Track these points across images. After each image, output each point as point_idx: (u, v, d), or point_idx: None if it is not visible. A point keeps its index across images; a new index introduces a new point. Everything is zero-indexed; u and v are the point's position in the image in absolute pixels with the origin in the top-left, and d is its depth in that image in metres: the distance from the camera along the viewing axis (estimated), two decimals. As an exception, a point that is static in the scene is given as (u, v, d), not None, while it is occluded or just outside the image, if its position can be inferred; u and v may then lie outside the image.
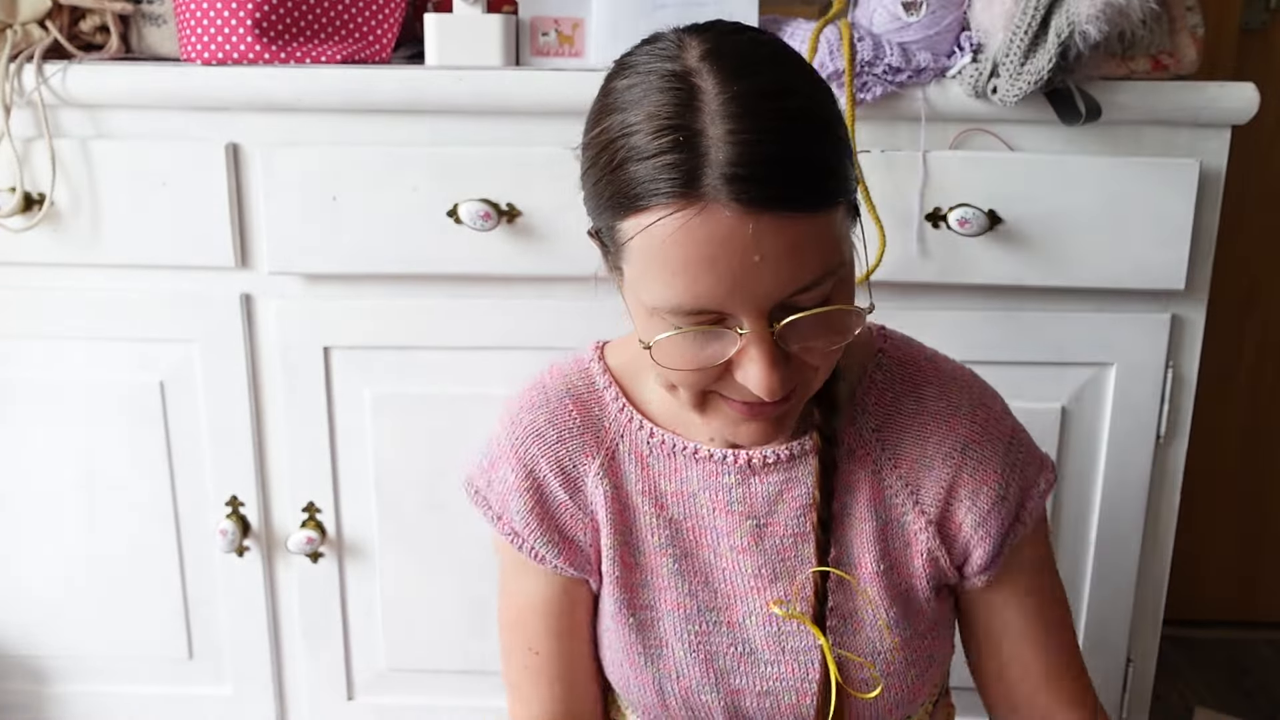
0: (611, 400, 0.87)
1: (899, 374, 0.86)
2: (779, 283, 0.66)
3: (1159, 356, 1.24)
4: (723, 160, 0.64)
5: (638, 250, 0.68)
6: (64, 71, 1.18)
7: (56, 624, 1.37)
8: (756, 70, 0.67)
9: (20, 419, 1.30)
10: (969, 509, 0.83)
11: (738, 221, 0.64)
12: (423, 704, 1.38)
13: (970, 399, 0.85)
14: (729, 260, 0.65)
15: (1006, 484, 0.84)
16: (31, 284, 1.25)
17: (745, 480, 0.84)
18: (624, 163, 0.67)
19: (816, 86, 0.70)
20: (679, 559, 0.86)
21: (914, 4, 1.15)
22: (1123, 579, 1.31)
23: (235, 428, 1.28)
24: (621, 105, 0.69)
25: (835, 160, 0.68)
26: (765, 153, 0.64)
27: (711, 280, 0.66)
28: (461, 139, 1.19)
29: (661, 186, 0.65)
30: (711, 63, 0.67)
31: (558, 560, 0.87)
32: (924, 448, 0.84)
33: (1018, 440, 0.86)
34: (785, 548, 0.85)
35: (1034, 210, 1.17)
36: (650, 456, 0.86)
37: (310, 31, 1.21)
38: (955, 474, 0.83)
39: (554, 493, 0.87)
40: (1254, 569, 2.00)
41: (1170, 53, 1.17)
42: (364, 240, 1.20)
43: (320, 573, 1.32)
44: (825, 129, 0.68)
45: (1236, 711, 1.76)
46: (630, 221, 0.68)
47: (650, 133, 0.66)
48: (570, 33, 1.22)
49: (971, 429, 0.84)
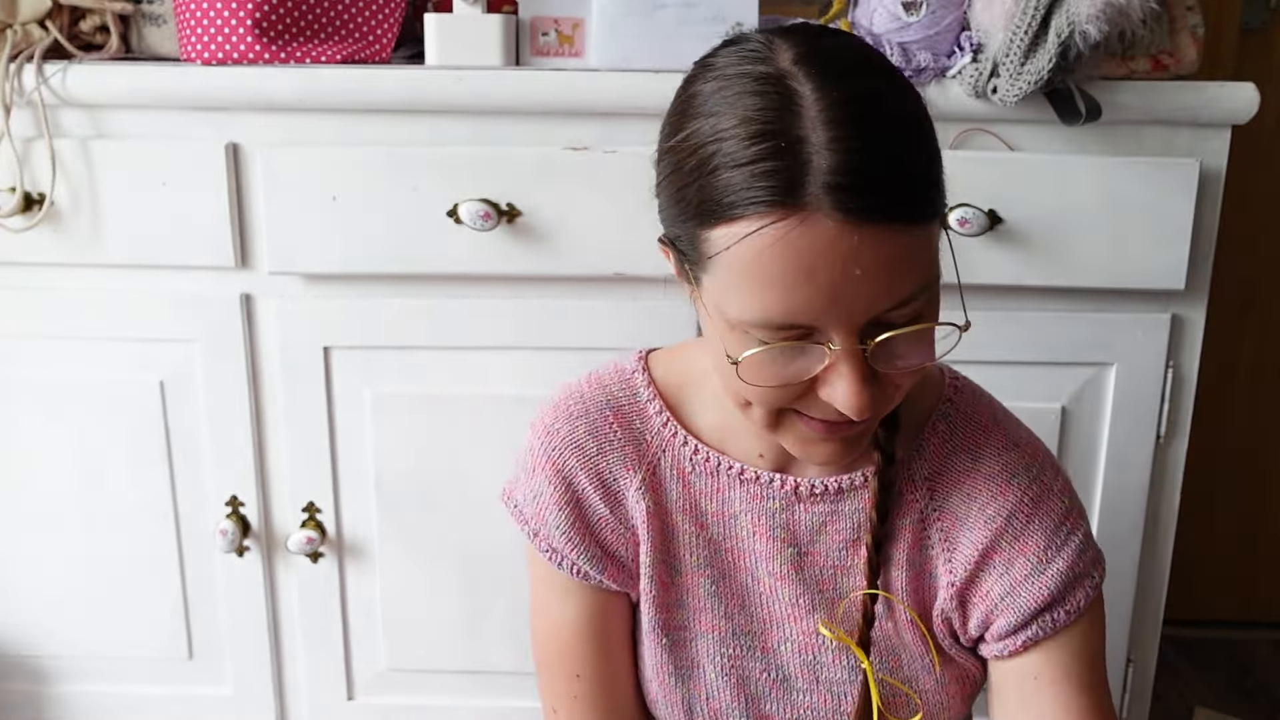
0: (655, 414, 0.84)
1: (962, 427, 0.83)
2: (877, 297, 0.63)
3: (1159, 356, 1.24)
4: (826, 168, 0.61)
5: (728, 260, 0.64)
6: (64, 71, 1.18)
7: (56, 624, 1.37)
8: (855, 75, 0.65)
9: (20, 419, 1.30)
10: (999, 578, 0.80)
11: (840, 232, 0.61)
12: (423, 704, 1.38)
13: (1029, 471, 0.82)
14: (828, 273, 0.62)
15: (1045, 562, 0.80)
16: (31, 284, 1.25)
17: (790, 507, 0.82)
18: (716, 169, 0.64)
19: (912, 93, 0.68)
20: (716, 580, 0.84)
21: (914, 4, 1.15)
22: (1123, 579, 1.31)
23: (235, 428, 1.28)
24: (710, 110, 0.65)
25: (936, 170, 0.66)
26: (871, 161, 0.62)
27: (808, 293, 0.63)
28: (461, 139, 1.19)
29: (760, 194, 0.62)
30: (807, 66, 0.64)
31: (601, 575, 0.85)
32: (969, 507, 0.81)
33: (1070, 525, 0.81)
34: (825, 579, 0.83)
35: (1034, 210, 1.17)
36: (692, 474, 0.83)
37: (310, 31, 1.21)
38: (993, 541, 0.80)
39: (594, 506, 0.84)
40: (1254, 569, 2.00)
41: (1170, 53, 1.17)
42: (364, 240, 1.20)
43: (320, 573, 1.32)
44: (927, 138, 0.66)
45: (1236, 711, 1.76)
46: (720, 231, 0.64)
47: (746, 138, 0.63)
48: (570, 33, 1.22)
49: (1020, 500, 0.80)
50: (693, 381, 0.84)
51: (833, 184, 0.61)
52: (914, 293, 0.65)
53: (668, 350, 0.87)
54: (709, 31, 1.18)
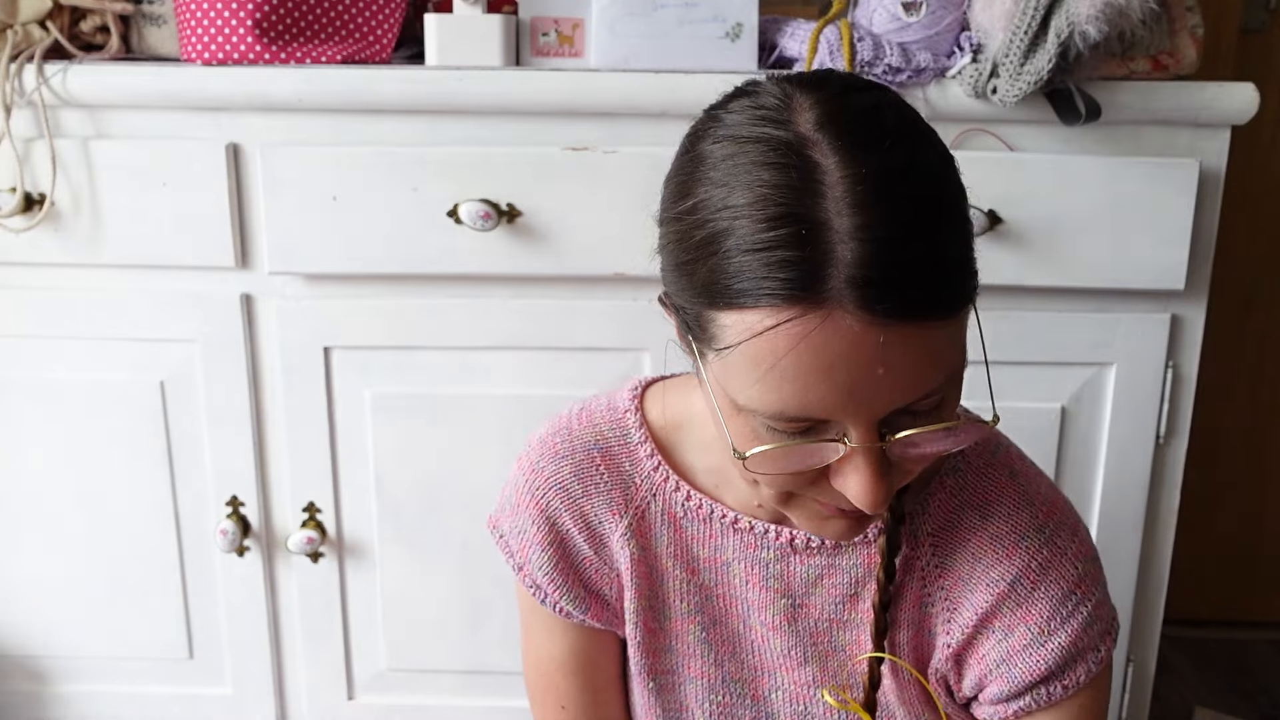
0: (646, 457, 0.80)
1: (973, 483, 0.77)
2: (900, 394, 0.59)
3: (1159, 356, 1.24)
4: (851, 260, 0.55)
5: (739, 351, 0.59)
6: (64, 72, 1.18)
7: (56, 624, 1.37)
8: (884, 143, 0.58)
9: (20, 419, 1.30)
10: (996, 644, 0.76)
11: (864, 332, 0.55)
12: (423, 704, 1.38)
13: (1040, 532, 0.76)
14: (848, 372, 0.57)
15: (1046, 634, 0.75)
16: (31, 284, 1.25)
17: (785, 558, 0.79)
18: (727, 251, 0.58)
19: (946, 160, 0.62)
20: (707, 627, 0.82)
21: (914, 4, 1.15)
22: (1123, 579, 1.31)
23: (235, 428, 1.28)
24: (720, 178, 0.59)
25: (969, 252, 0.61)
26: (901, 253, 0.56)
27: (824, 391, 0.58)
28: (461, 139, 1.19)
29: (776, 286, 0.56)
30: (830, 132, 0.58)
31: (584, 615, 0.83)
32: (973, 568, 0.76)
33: (1082, 593, 0.76)
34: (819, 632, 0.80)
35: (1034, 210, 1.17)
36: (684, 519, 0.80)
37: (310, 31, 1.21)
38: (994, 606, 0.76)
39: (578, 547, 0.82)
40: (1254, 569, 2.00)
41: (1170, 53, 1.17)
42: (364, 240, 1.20)
43: (320, 573, 1.32)
44: (961, 216, 0.61)
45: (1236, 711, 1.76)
46: (731, 316, 0.58)
47: (761, 220, 0.56)
48: (570, 33, 1.22)
49: (1028, 564, 0.75)
50: (688, 423, 0.80)
51: (858, 279, 0.55)
52: (942, 384, 0.60)
53: (664, 386, 0.83)
54: (709, 31, 1.18)
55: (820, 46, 1.14)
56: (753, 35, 1.19)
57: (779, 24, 1.23)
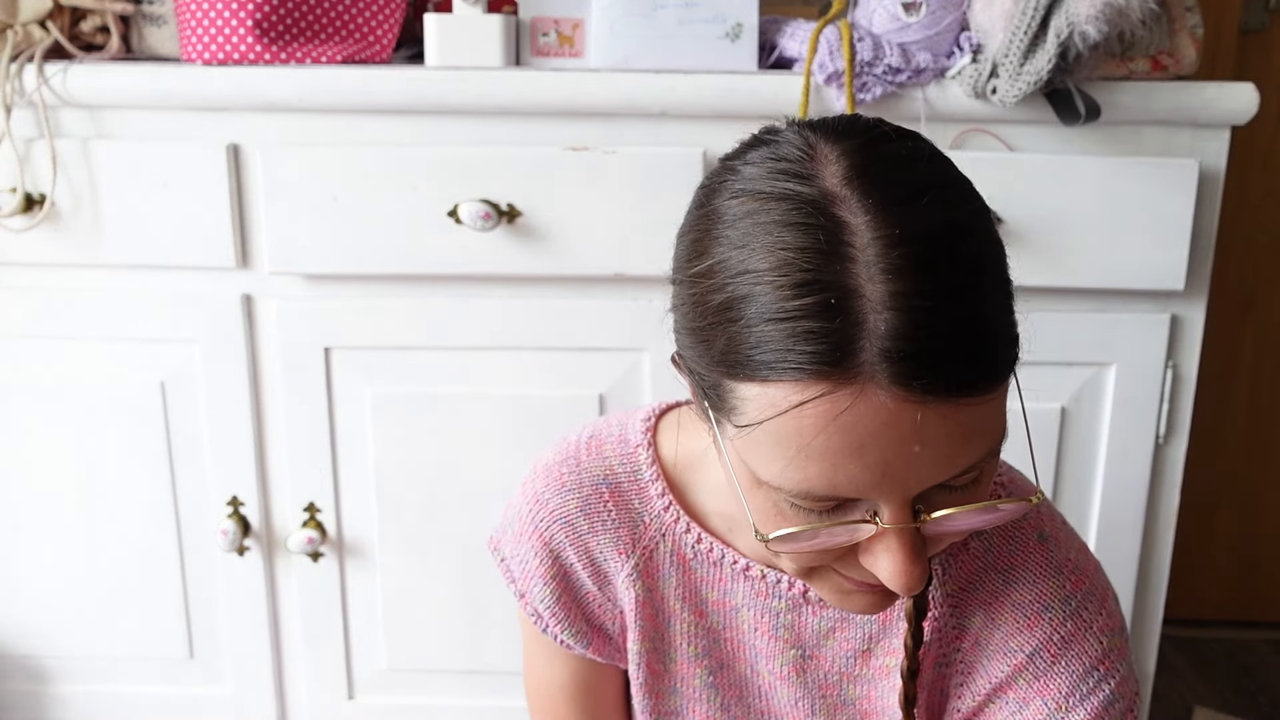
0: (657, 496, 0.76)
1: (1000, 545, 0.73)
2: (936, 472, 0.54)
3: (1159, 356, 1.24)
4: (885, 333, 0.50)
5: (760, 423, 0.54)
6: (64, 72, 1.18)
7: (56, 624, 1.37)
8: (920, 200, 0.53)
9: (20, 419, 1.30)
10: (1010, 715, 0.72)
11: (899, 410, 0.51)
12: (423, 704, 1.38)
13: (1066, 604, 0.72)
14: (881, 451, 0.52)
15: (1066, 709, 0.70)
16: (31, 284, 1.25)
17: (797, 609, 0.75)
18: (748, 320, 0.53)
19: (984, 213, 0.57)
20: (714, 670, 0.79)
21: (914, 4, 1.15)
22: (1123, 579, 1.31)
23: (235, 428, 1.28)
24: (739, 239, 0.54)
25: (1011, 319, 0.56)
26: (940, 324, 0.51)
27: (855, 471, 0.53)
28: (461, 139, 1.19)
29: (804, 360, 0.51)
30: (859, 188, 0.53)
31: (586, 649, 0.81)
32: (991, 634, 0.72)
33: (1105, 669, 0.71)
34: (829, 684, 0.77)
35: (1034, 210, 1.17)
36: (694, 561, 0.76)
37: (310, 31, 1.21)
38: (1010, 677, 0.72)
39: (582, 583, 0.79)
40: (1254, 569, 2.00)
41: (1170, 53, 1.17)
42: (364, 240, 1.20)
43: (320, 573, 1.32)
44: (1001, 278, 0.56)
45: (1236, 711, 1.76)
46: (753, 389, 0.54)
47: (786, 286, 0.51)
48: (570, 33, 1.22)
49: (1049, 637, 0.71)
50: (702, 464, 0.75)
51: (893, 352, 0.50)
52: (978, 461, 0.55)
53: (679, 417, 0.78)
54: (709, 31, 1.18)
55: (820, 46, 1.14)
56: (753, 35, 1.19)
57: (779, 24, 1.23)
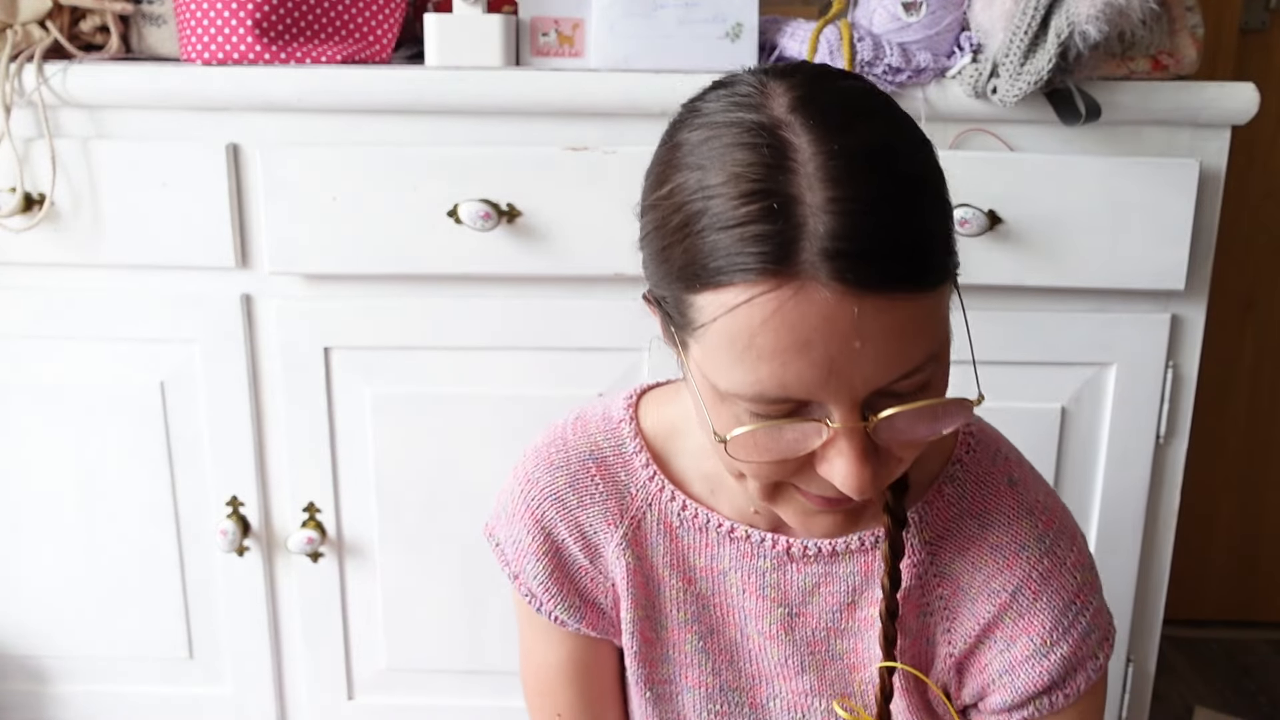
0: (641, 467, 0.80)
1: (972, 492, 0.77)
2: (880, 370, 0.58)
3: (1159, 356, 1.24)
4: (823, 233, 0.55)
5: (716, 330, 0.59)
6: (64, 72, 1.18)
7: (56, 624, 1.37)
8: (857, 124, 0.59)
9: (20, 419, 1.30)
10: (999, 653, 0.77)
11: (839, 303, 0.55)
12: (423, 704, 1.38)
13: (1040, 542, 0.76)
14: (825, 346, 0.56)
15: (1051, 643, 0.76)
16: (31, 284, 1.25)
17: (782, 567, 0.78)
18: (702, 230, 0.58)
19: (922, 143, 0.62)
20: (704, 636, 0.82)
21: (914, 4, 1.15)
22: (1123, 579, 1.31)
23: (235, 428, 1.28)
24: (696, 162, 0.60)
25: (946, 230, 0.61)
26: (873, 224, 0.56)
27: (803, 368, 0.57)
28: (461, 139, 1.19)
29: (750, 261, 0.56)
30: (803, 114, 0.58)
31: (580, 624, 0.83)
32: (973, 577, 0.77)
33: (1081, 602, 0.77)
34: (816, 640, 0.80)
35: (1034, 210, 1.17)
36: (680, 528, 0.80)
37: (310, 31, 1.21)
38: (996, 616, 0.76)
39: (574, 557, 0.82)
40: (1254, 569, 2.00)
41: (1170, 53, 1.17)
42: (364, 240, 1.20)
43: (320, 573, 1.32)
44: (936, 193, 0.61)
45: (1236, 711, 1.76)
46: (708, 297, 0.59)
47: (735, 197, 0.57)
48: (570, 33, 1.22)
49: (1030, 574, 0.76)
50: (682, 430, 0.79)
51: (831, 250, 0.55)
52: (922, 364, 0.59)
53: (659, 393, 0.83)
54: (709, 31, 1.18)
55: (820, 46, 1.14)
56: (753, 35, 1.19)
57: (779, 24, 1.23)
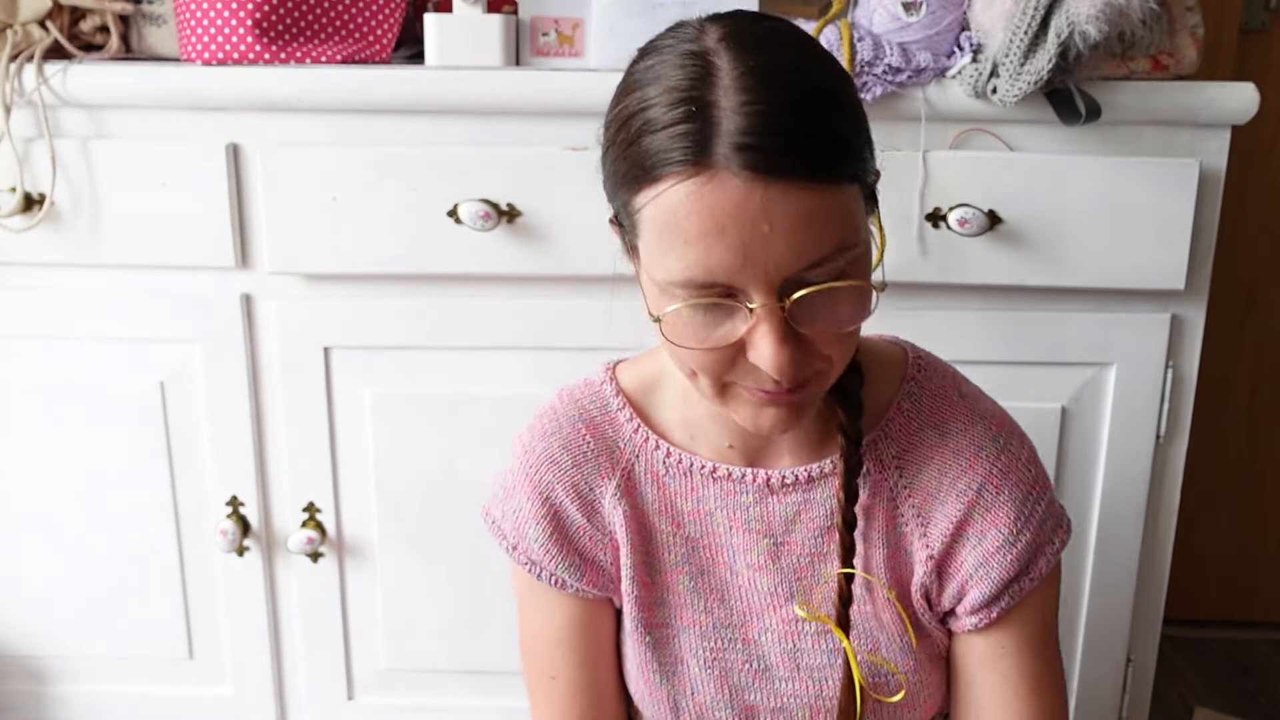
0: (626, 421, 0.87)
1: (928, 405, 0.85)
2: (789, 255, 0.66)
3: (1159, 356, 1.24)
4: (733, 129, 0.64)
5: (650, 222, 0.68)
6: (64, 71, 1.18)
7: (56, 624, 1.37)
8: (773, 49, 0.68)
9: (20, 419, 1.30)
10: (973, 549, 0.83)
11: (747, 190, 0.64)
12: (423, 704, 1.38)
13: (995, 441, 0.84)
14: (739, 230, 0.65)
15: (1017, 532, 0.82)
16: (31, 284, 1.25)
17: (763, 499, 0.85)
18: (639, 136, 0.68)
19: (834, 70, 0.70)
20: (695, 576, 0.86)
21: (914, 4, 1.15)
22: (1123, 579, 1.31)
23: (235, 428, 1.28)
24: (640, 83, 0.70)
25: (848, 136, 0.68)
26: (776, 122, 0.65)
27: (721, 251, 0.66)
28: (461, 139, 1.19)
29: (674, 155, 0.66)
30: (729, 42, 0.68)
31: (579, 583, 0.87)
32: (940, 482, 0.83)
33: (1037, 493, 0.84)
34: (801, 566, 0.85)
35: (1034, 210, 1.17)
36: (666, 476, 0.86)
37: (310, 31, 1.21)
38: (966, 513, 0.83)
39: (572, 517, 0.87)
40: (1254, 569, 2.00)
41: (1170, 53, 1.17)
42: (364, 240, 1.20)
43: (320, 573, 1.32)
44: (840, 107, 0.68)
45: (1236, 711, 1.76)
46: (644, 193, 0.68)
47: (665, 105, 0.67)
48: (570, 33, 1.22)
49: (990, 471, 0.83)
50: (657, 384, 0.87)
51: (739, 144, 0.64)
52: (829, 253, 0.66)
53: (633, 359, 0.90)
54: (709, 31, 1.18)
55: (820, 46, 1.14)
56: (753, 35, 1.19)
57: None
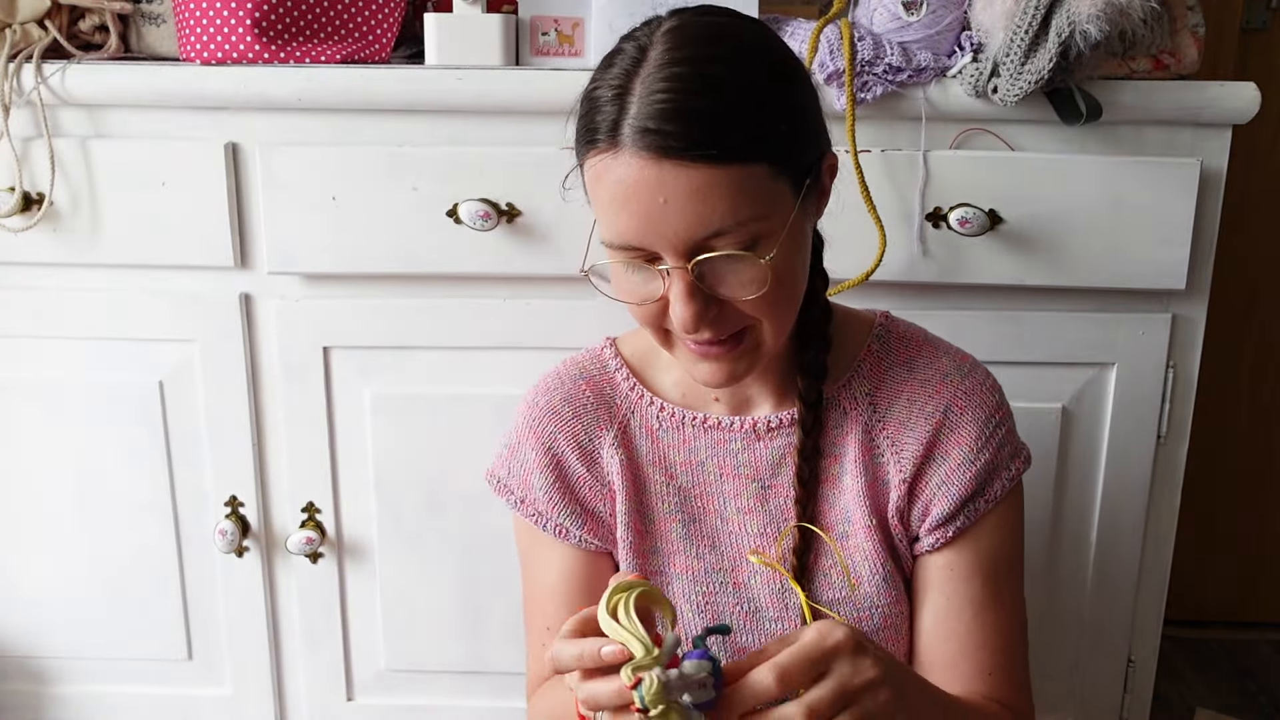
0: (623, 380, 0.95)
1: (897, 345, 0.93)
2: (685, 225, 0.74)
3: (1159, 356, 1.24)
4: (638, 114, 0.74)
5: (589, 186, 0.79)
6: (63, 71, 1.17)
7: (56, 624, 1.37)
8: (700, 43, 0.76)
9: (20, 419, 1.30)
10: (937, 467, 0.90)
11: (644, 166, 0.73)
12: (423, 704, 1.38)
13: (959, 369, 0.91)
14: (639, 201, 0.74)
15: (977, 451, 0.89)
16: (31, 284, 1.25)
17: (751, 445, 0.92)
18: (587, 111, 0.79)
19: (763, 62, 0.77)
20: (687, 524, 0.93)
21: (914, 3, 1.15)
22: (1123, 579, 1.31)
23: (235, 428, 1.28)
24: (602, 66, 0.80)
25: (747, 120, 0.74)
26: (670, 107, 0.73)
27: (627, 217, 0.75)
28: (461, 139, 1.19)
29: (598, 134, 0.76)
30: (667, 36, 0.76)
31: (581, 531, 0.94)
32: (909, 410, 0.91)
33: (999, 419, 0.91)
34: (787, 508, 0.92)
35: (1034, 210, 1.17)
36: (660, 430, 0.94)
37: (310, 31, 1.21)
38: (933, 434, 0.90)
39: (573, 467, 0.94)
40: (1254, 569, 2.00)
41: (1171, 52, 1.17)
42: (364, 240, 1.20)
43: (320, 573, 1.32)
44: (743, 94, 0.74)
45: (1237, 712, 1.76)
46: (586, 161, 0.79)
47: (606, 87, 0.77)
48: (570, 33, 1.22)
49: (955, 394, 0.90)
50: (654, 349, 0.92)
51: (639, 127, 0.73)
52: (728, 225, 0.74)
53: (633, 331, 0.97)
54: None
55: (820, 46, 1.14)
56: (753, 35, 1.18)
57: (779, 24, 1.23)
